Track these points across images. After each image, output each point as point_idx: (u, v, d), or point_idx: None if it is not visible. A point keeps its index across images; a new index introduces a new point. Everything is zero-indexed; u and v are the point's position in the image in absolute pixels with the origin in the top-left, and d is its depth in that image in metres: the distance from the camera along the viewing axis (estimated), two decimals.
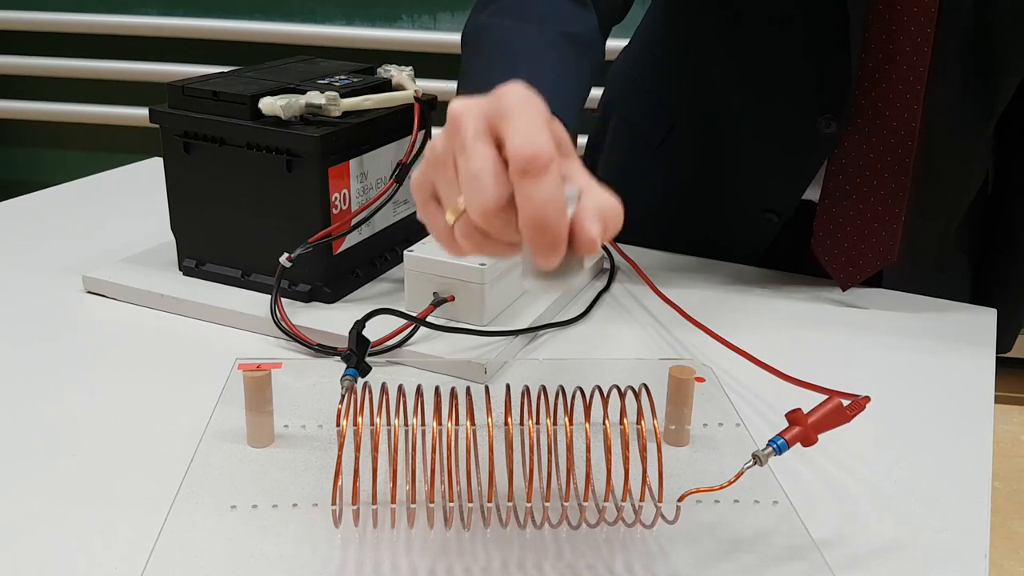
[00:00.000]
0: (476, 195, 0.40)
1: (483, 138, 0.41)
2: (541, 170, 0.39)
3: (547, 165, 0.39)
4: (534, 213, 0.39)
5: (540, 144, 0.39)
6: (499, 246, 0.42)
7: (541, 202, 0.39)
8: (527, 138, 0.40)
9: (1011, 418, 2.28)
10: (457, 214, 0.42)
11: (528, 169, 0.39)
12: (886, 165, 0.76)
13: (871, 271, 0.81)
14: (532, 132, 0.40)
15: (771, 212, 0.83)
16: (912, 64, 0.73)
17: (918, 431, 0.61)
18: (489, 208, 0.40)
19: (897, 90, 0.74)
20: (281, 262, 0.69)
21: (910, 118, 0.74)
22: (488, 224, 0.41)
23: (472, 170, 0.41)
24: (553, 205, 0.39)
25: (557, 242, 0.39)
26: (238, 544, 0.47)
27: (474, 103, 0.43)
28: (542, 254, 0.40)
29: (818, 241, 0.81)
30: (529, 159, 0.39)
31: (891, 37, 0.72)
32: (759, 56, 0.79)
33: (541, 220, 0.39)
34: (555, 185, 0.39)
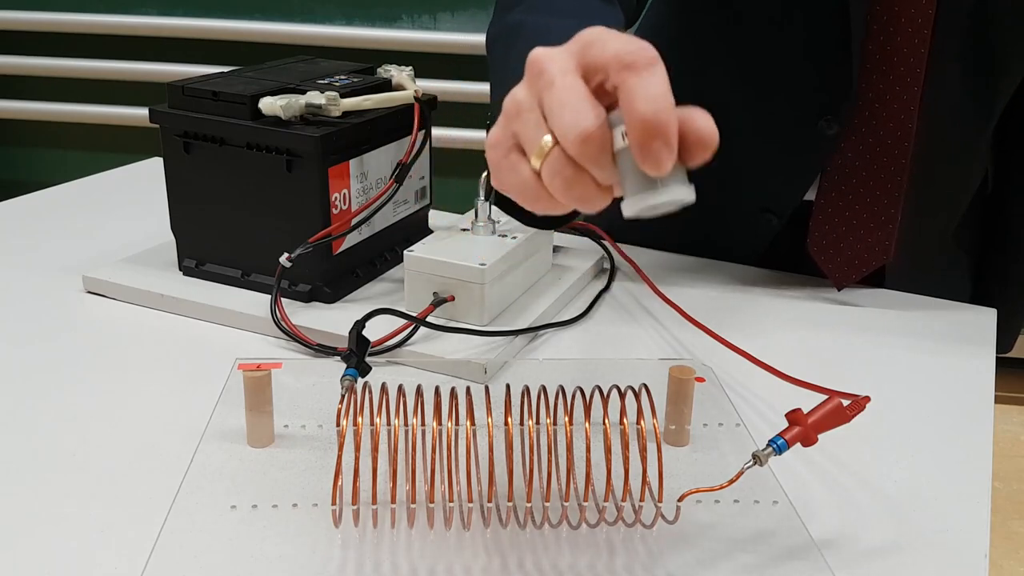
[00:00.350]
0: (569, 119, 0.39)
1: (572, 72, 0.40)
2: (649, 63, 0.38)
3: (654, 61, 0.38)
4: (646, 109, 0.37)
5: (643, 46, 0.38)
6: (589, 185, 0.40)
7: (653, 96, 0.37)
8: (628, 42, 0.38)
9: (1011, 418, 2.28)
10: (543, 155, 0.40)
11: (635, 63, 0.38)
12: (882, 166, 0.76)
13: (866, 271, 0.81)
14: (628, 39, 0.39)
15: (770, 213, 0.83)
16: (909, 66, 0.73)
17: (918, 431, 0.61)
18: (586, 128, 0.38)
19: (894, 91, 0.74)
20: (281, 262, 0.69)
21: (907, 119, 0.74)
22: (583, 151, 0.39)
23: (563, 98, 0.39)
24: (664, 100, 0.37)
25: (669, 140, 0.38)
26: (238, 544, 0.47)
27: (554, 48, 0.41)
28: (656, 158, 0.38)
29: (813, 241, 0.81)
30: (635, 52, 0.38)
31: (889, 38, 0.72)
32: (760, 57, 0.79)
33: (654, 116, 0.37)
34: (664, 79, 0.38)
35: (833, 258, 0.81)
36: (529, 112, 0.41)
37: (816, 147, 0.78)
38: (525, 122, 0.41)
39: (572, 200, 0.41)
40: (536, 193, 0.42)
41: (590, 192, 0.41)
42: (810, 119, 0.77)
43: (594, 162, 0.39)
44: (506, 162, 0.42)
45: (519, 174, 0.42)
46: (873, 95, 0.75)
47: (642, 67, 0.38)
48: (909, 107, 0.74)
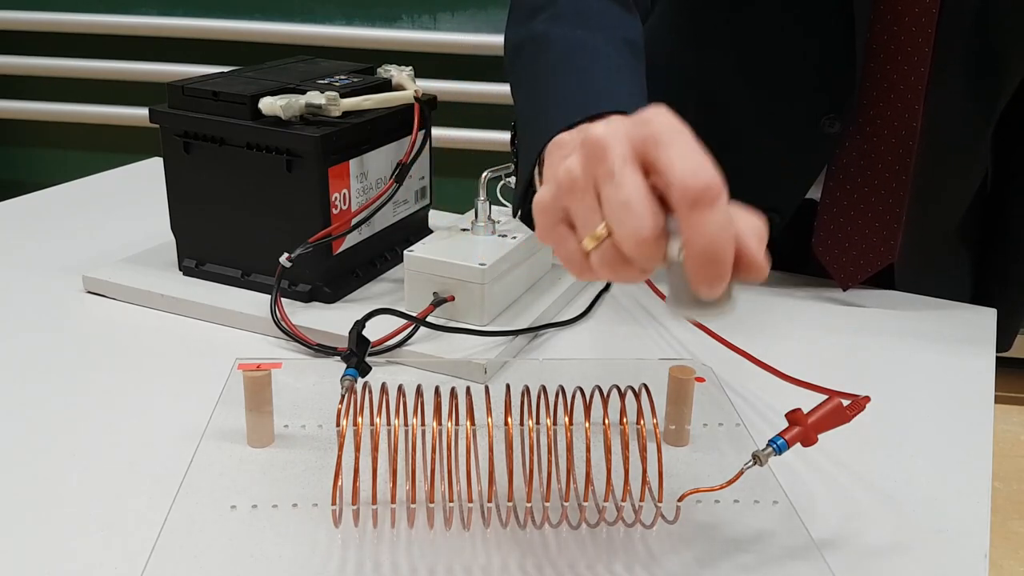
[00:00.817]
0: (630, 223, 0.39)
1: (632, 165, 0.40)
2: (713, 200, 0.38)
3: (719, 195, 0.38)
4: (707, 245, 0.38)
5: (709, 174, 0.38)
6: (634, 273, 0.41)
7: (714, 234, 0.38)
8: (695, 167, 0.38)
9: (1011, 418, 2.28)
10: (598, 241, 0.41)
11: (700, 199, 0.38)
12: (887, 165, 0.77)
13: (871, 271, 0.81)
14: (697, 160, 0.39)
15: (773, 212, 0.83)
16: (913, 64, 0.73)
17: (918, 431, 0.61)
18: (645, 237, 0.39)
19: (898, 90, 0.74)
20: (281, 262, 0.69)
21: (911, 118, 0.74)
22: (639, 253, 0.39)
23: (623, 198, 0.39)
24: (725, 237, 0.38)
25: (725, 272, 0.38)
26: (238, 544, 0.47)
27: (618, 128, 0.41)
28: (709, 285, 0.39)
29: (819, 241, 0.81)
30: (702, 190, 0.38)
31: (892, 38, 0.72)
32: (763, 56, 0.79)
33: (713, 252, 0.38)
34: (727, 216, 0.38)
35: (839, 258, 0.81)
36: (584, 193, 0.41)
37: (818, 145, 0.78)
38: (579, 203, 0.41)
39: (614, 280, 0.42)
40: (581, 266, 0.42)
41: (634, 277, 0.41)
42: (813, 117, 0.77)
43: (646, 263, 0.40)
44: (555, 233, 0.43)
45: (566, 247, 0.43)
46: (877, 94, 0.75)
47: (707, 204, 0.38)
48: (913, 106, 0.74)
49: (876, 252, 0.80)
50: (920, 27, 0.71)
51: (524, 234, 0.74)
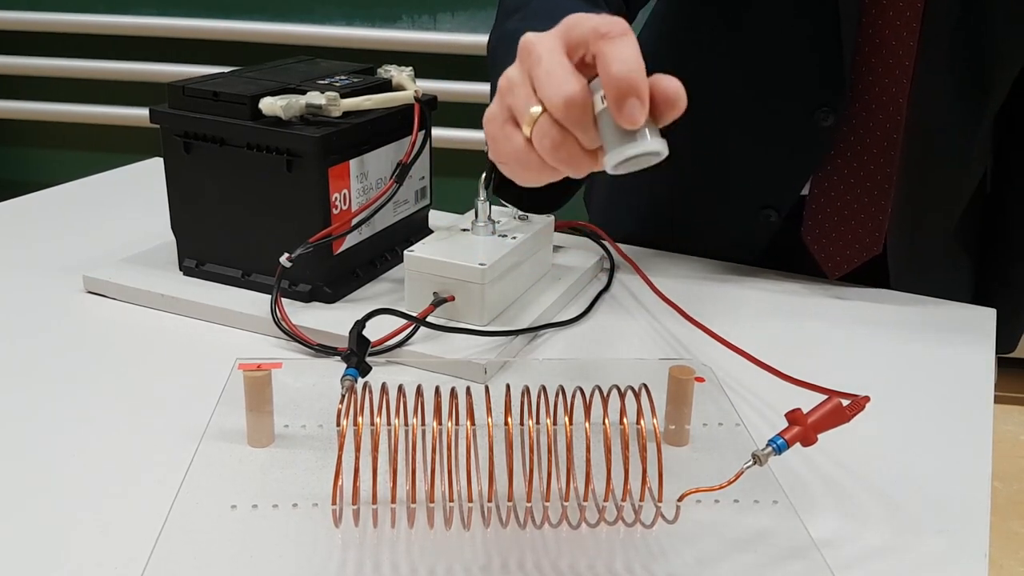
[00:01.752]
0: (555, 87, 0.44)
1: (556, 50, 0.45)
2: (621, 33, 0.43)
3: (626, 31, 0.43)
4: (619, 69, 0.42)
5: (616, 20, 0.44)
6: (574, 147, 0.45)
7: (624, 58, 0.42)
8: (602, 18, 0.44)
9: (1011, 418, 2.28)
10: (533, 121, 0.45)
11: (608, 32, 0.43)
12: (872, 157, 0.77)
13: (858, 262, 0.81)
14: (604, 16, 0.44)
15: (769, 208, 0.83)
16: (898, 58, 0.73)
17: (918, 431, 0.61)
18: (569, 95, 0.43)
19: (884, 83, 0.75)
20: (281, 262, 0.69)
21: (896, 111, 0.75)
22: (568, 114, 0.44)
23: (549, 70, 0.44)
24: (634, 59, 0.43)
25: (642, 96, 0.43)
26: (238, 544, 0.47)
27: (543, 33, 0.46)
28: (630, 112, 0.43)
29: (807, 230, 0.82)
30: (609, 25, 0.43)
31: (877, 31, 0.73)
32: (756, 50, 0.79)
33: (626, 74, 0.42)
34: (635, 46, 0.43)
35: (826, 247, 0.82)
36: (520, 86, 0.46)
37: (814, 139, 0.78)
38: (516, 95, 0.46)
39: (560, 162, 0.46)
40: (528, 159, 0.47)
41: (576, 154, 0.45)
42: (806, 111, 0.77)
43: (577, 123, 0.44)
44: (501, 132, 0.47)
45: (513, 142, 0.47)
46: (864, 87, 0.75)
47: (615, 36, 0.43)
48: (898, 99, 0.75)
49: (862, 243, 0.81)
50: (904, 20, 0.72)
51: (524, 234, 0.74)
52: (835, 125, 0.77)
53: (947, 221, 0.86)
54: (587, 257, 0.83)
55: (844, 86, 0.75)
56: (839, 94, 0.75)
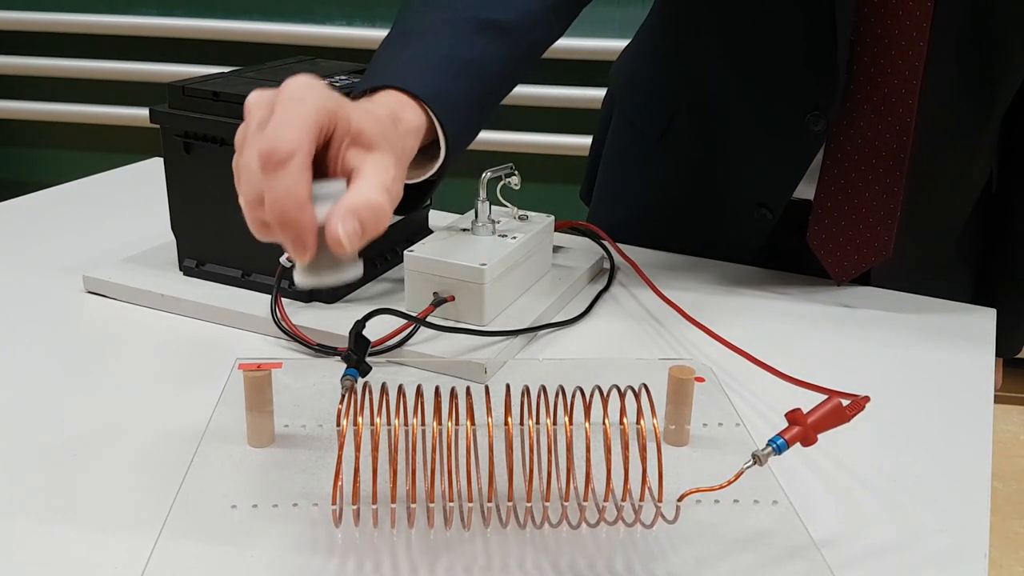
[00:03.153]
0: (240, 188, 0.43)
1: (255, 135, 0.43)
2: (278, 165, 0.41)
3: (284, 161, 0.41)
4: (272, 205, 0.41)
5: (279, 140, 0.41)
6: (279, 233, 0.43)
7: (278, 196, 0.41)
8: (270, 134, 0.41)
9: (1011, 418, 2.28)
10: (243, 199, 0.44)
11: (265, 164, 0.41)
12: (881, 160, 0.76)
13: (866, 266, 0.81)
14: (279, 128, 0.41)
15: (764, 208, 0.83)
16: (908, 58, 0.72)
17: (918, 431, 0.61)
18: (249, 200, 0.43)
19: (892, 84, 0.74)
20: (281, 262, 0.69)
21: (905, 113, 0.74)
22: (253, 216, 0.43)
23: (242, 161, 0.43)
24: (290, 199, 0.40)
25: (300, 235, 0.41)
26: (238, 544, 0.47)
27: (265, 93, 0.44)
28: (291, 248, 0.42)
29: (813, 235, 0.81)
30: (266, 154, 0.41)
31: (886, 31, 0.72)
32: (750, 52, 0.79)
33: (279, 213, 0.41)
34: (293, 180, 0.41)
35: (833, 252, 0.81)
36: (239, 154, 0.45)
37: (804, 142, 0.78)
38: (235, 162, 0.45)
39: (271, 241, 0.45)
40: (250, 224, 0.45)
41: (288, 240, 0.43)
42: (797, 114, 0.77)
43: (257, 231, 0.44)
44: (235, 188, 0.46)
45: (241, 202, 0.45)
46: (871, 88, 0.74)
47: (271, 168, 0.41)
48: (908, 101, 0.74)
49: (871, 248, 0.80)
50: (914, 20, 0.71)
51: (524, 234, 0.74)
52: (834, 129, 0.76)
53: (951, 223, 0.85)
54: (587, 257, 0.83)
55: (837, 91, 0.74)
56: (831, 99, 0.75)
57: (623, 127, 0.97)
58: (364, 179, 0.43)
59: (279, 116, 0.42)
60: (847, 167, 0.78)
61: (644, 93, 0.93)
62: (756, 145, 0.82)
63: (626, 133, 0.96)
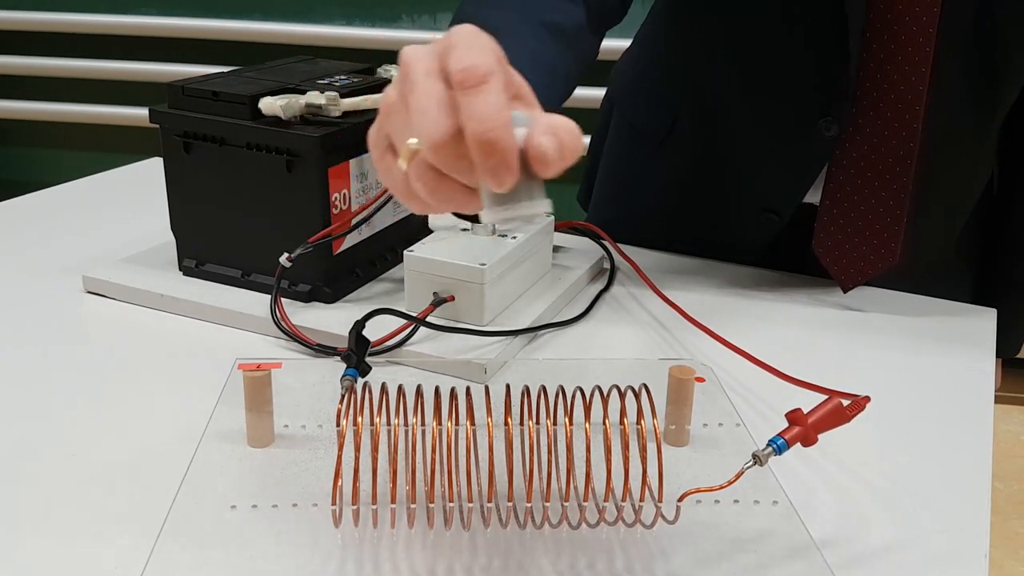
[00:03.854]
0: (425, 126, 0.39)
1: (432, 75, 0.40)
2: (480, 81, 0.38)
3: (486, 77, 0.38)
4: (477, 124, 0.37)
5: (477, 58, 0.38)
6: (454, 189, 0.40)
7: (484, 114, 0.37)
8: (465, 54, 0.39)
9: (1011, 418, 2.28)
10: (409, 157, 0.40)
11: (466, 80, 0.38)
12: (888, 167, 0.76)
13: (873, 273, 0.80)
14: (470, 51, 0.39)
15: (772, 212, 0.83)
16: (914, 64, 0.72)
17: (918, 431, 0.61)
18: (437, 137, 0.38)
19: (899, 91, 0.74)
20: (281, 262, 0.69)
21: (912, 119, 0.74)
22: (439, 158, 0.39)
23: (421, 105, 0.39)
24: (497, 117, 0.37)
25: (506, 158, 0.38)
26: (238, 544, 0.47)
27: (424, 47, 0.41)
28: (493, 174, 0.38)
29: (819, 242, 0.80)
30: (466, 70, 0.38)
31: (892, 37, 0.72)
32: (759, 58, 0.79)
33: (485, 132, 0.37)
34: (497, 97, 0.38)
35: (839, 260, 0.80)
36: (397, 114, 0.41)
37: (816, 148, 0.78)
38: (394, 123, 0.41)
39: (439, 202, 0.41)
40: (408, 194, 0.42)
41: (456, 194, 0.40)
42: (810, 120, 0.77)
43: (451, 168, 0.39)
44: (382, 163, 0.43)
45: (392, 175, 0.42)
46: (877, 95, 0.74)
47: (471, 86, 0.38)
48: (914, 107, 0.74)
49: (877, 254, 0.79)
50: (921, 26, 0.71)
51: (524, 234, 0.74)
52: (839, 135, 0.76)
53: (954, 224, 0.85)
54: (587, 257, 0.83)
55: (848, 96, 0.74)
56: (843, 104, 0.75)
57: (623, 129, 0.97)
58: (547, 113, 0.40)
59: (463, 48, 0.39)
60: (853, 173, 0.77)
61: (646, 96, 0.93)
62: (765, 150, 0.82)
63: (627, 135, 0.96)
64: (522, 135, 0.39)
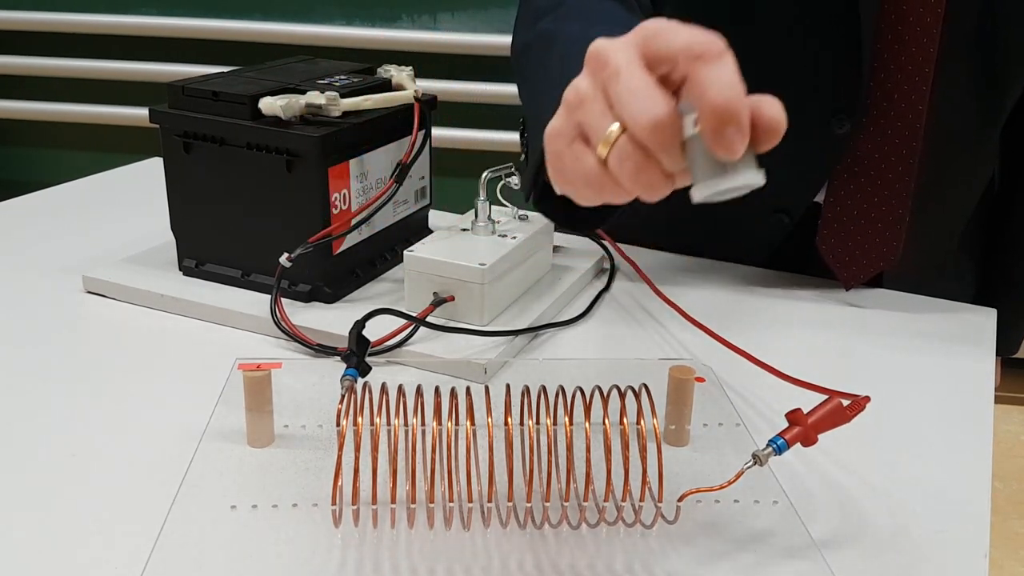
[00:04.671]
0: (641, 107, 0.39)
1: (636, 61, 0.41)
2: (719, 54, 0.39)
3: (723, 50, 0.39)
4: (718, 95, 0.38)
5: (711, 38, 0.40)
6: (656, 172, 0.41)
7: (724, 83, 0.38)
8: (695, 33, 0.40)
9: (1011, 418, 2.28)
10: (611, 142, 0.41)
11: (705, 53, 0.39)
12: (890, 165, 0.77)
13: (874, 271, 0.81)
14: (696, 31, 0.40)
15: (782, 213, 0.83)
16: (918, 64, 0.73)
17: (918, 431, 0.61)
18: (658, 117, 0.39)
19: (903, 90, 0.74)
20: (281, 262, 0.69)
21: (915, 119, 0.74)
22: (655, 137, 0.39)
23: (632, 87, 0.40)
24: (735, 86, 0.39)
25: (741, 124, 0.39)
26: (238, 544, 0.47)
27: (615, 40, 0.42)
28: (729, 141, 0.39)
29: (822, 239, 0.81)
30: (706, 44, 0.39)
31: (897, 37, 0.72)
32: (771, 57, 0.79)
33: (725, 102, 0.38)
34: (734, 69, 0.39)
35: (842, 257, 0.81)
36: (593, 102, 0.42)
37: (829, 146, 0.78)
38: (589, 111, 0.42)
39: (639, 187, 0.42)
40: (600, 182, 0.42)
41: (657, 179, 0.41)
42: (822, 117, 0.77)
43: (664, 148, 0.40)
44: (569, 152, 0.43)
45: (583, 163, 0.42)
46: (882, 94, 0.75)
47: (713, 57, 0.39)
48: (917, 106, 0.74)
49: (879, 252, 0.80)
50: (925, 27, 0.71)
51: (524, 234, 0.74)
52: (851, 132, 0.76)
53: (956, 224, 0.85)
54: (587, 257, 0.83)
55: (861, 93, 0.75)
56: (855, 101, 0.75)
57: None
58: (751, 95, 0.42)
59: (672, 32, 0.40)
60: (857, 171, 0.78)
61: None
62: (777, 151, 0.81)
63: None
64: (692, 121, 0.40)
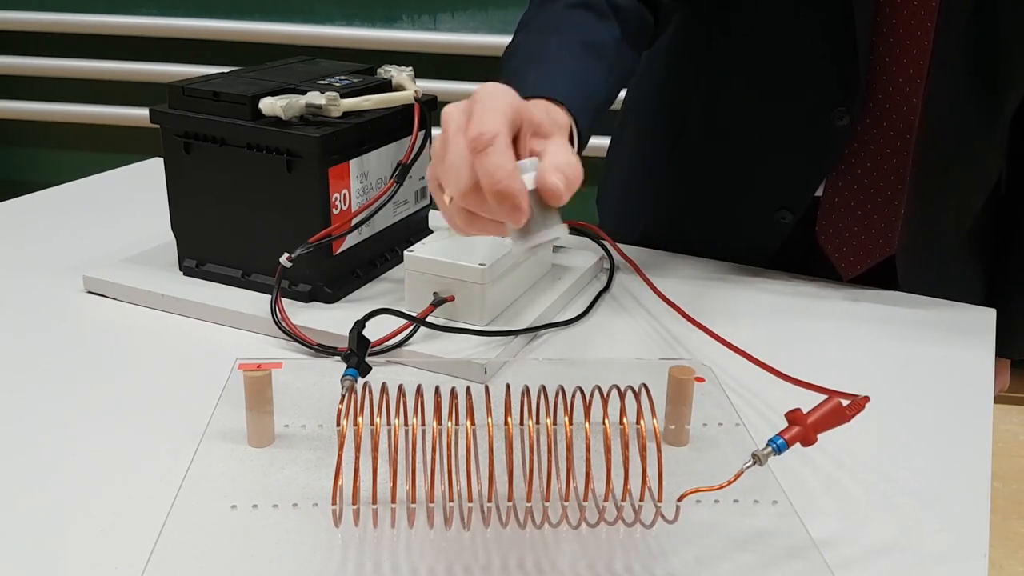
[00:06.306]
0: (452, 180, 0.49)
1: (461, 132, 0.49)
2: (486, 144, 0.47)
3: (490, 140, 0.47)
4: (487, 180, 0.47)
5: (484, 125, 0.48)
6: (485, 223, 0.51)
7: (491, 169, 0.47)
8: (479, 119, 0.48)
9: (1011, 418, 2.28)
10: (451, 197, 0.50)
11: (474, 146, 0.48)
12: (886, 157, 0.77)
13: (871, 262, 0.81)
14: (484, 114, 0.49)
15: (785, 209, 0.83)
16: (912, 57, 0.73)
17: (918, 431, 0.61)
18: (461, 189, 0.49)
19: (898, 83, 0.75)
20: (281, 262, 0.69)
21: (909, 111, 0.75)
22: (466, 203, 0.49)
23: (448, 160, 0.49)
24: (503, 170, 0.47)
25: (516, 200, 0.47)
26: (238, 544, 0.47)
27: (459, 104, 0.51)
28: (508, 215, 0.47)
29: (821, 230, 0.82)
30: (475, 138, 0.48)
31: (891, 30, 0.73)
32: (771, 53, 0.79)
33: (495, 183, 0.47)
34: (501, 155, 0.47)
35: (840, 248, 0.82)
36: (440, 159, 0.51)
37: (830, 139, 0.78)
38: (438, 167, 0.51)
39: (480, 232, 0.52)
40: (452, 222, 0.52)
41: (487, 227, 0.51)
42: (824, 111, 0.77)
43: (478, 210, 0.49)
44: (436, 196, 0.53)
45: (443, 205, 0.52)
46: (878, 86, 0.76)
47: (480, 150, 0.47)
48: (912, 99, 0.75)
49: (875, 243, 0.80)
50: (919, 20, 0.72)
51: None
52: (849, 125, 0.77)
53: (960, 223, 0.86)
54: (587, 257, 0.83)
55: (859, 86, 0.75)
56: (854, 94, 0.76)
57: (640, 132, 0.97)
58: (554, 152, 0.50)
59: (480, 112, 0.49)
60: (854, 163, 0.79)
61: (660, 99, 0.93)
62: (779, 145, 0.82)
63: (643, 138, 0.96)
64: (531, 178, 0.48)
